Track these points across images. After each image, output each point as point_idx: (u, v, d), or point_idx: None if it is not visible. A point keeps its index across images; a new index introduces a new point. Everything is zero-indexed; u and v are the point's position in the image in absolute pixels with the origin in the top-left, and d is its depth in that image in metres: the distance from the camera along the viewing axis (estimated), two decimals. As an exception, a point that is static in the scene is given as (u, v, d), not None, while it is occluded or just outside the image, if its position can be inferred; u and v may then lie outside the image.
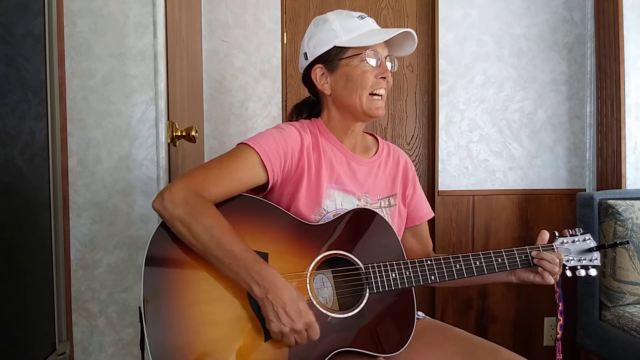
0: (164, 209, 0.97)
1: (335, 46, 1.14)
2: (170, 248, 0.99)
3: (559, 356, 1.22)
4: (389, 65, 1.17)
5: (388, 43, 1.18)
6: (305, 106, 1.29)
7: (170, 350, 0.92)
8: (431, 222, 2.19)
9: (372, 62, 1.14)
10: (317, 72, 1.18)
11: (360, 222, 1.13)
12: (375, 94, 1.15)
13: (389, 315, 1.08)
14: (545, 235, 1.18)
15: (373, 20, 1.18)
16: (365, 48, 1.13)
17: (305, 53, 1.19)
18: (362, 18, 1.17)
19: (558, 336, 1.20)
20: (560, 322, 1.19)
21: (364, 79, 1.13)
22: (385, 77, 1.15)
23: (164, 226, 1.00)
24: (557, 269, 1.11)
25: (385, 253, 1.12)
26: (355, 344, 1.03)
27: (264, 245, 1.03)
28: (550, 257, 1.11)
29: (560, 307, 1.19)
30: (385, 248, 1.13)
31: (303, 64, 1.21)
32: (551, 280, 1.11)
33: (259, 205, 1.09)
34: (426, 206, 1.33)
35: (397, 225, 1.22)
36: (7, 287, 0.98)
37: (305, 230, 1.08)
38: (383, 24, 2.27)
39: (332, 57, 1.15)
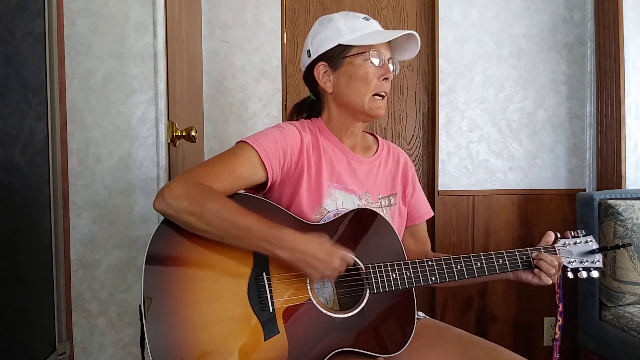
0: (168, 207, 0.97)
1: (339, 44, 1.14)
2: (171, 247, 0.99)
3: (556, 356, 1.22)
4: (391, 67, 1.17)
5: (391, 46, 1.19)
6: (305, 106, 1.29)
7: (170, 349, 0.92)
8: (431, 222, 2.21)
9: (376, 62, 1.14)
10: (320, 69, 1.18)
11: (361, 222, 1.13)
12: (377, 95, 1.16)
13: (389, 316, 1.08)
14: (551, 237, 1.18)
15: (378, 23, 1.19)
16: (369, 47, 1.13)
17: (309, 50, 1.19)
18: (367, 19, 1.17)
19: (556, 337, 1.20)
20: (559, 322, 1.19)
21: (367, 79, 1.14)
22: (387, 79, 1.16)
23: (165, 225, 1.00)
24: (554, 271, 1.10)
25: (386, 253, 1.12)
26: (355, 344, 1.03)
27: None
28: (549, 259, 1.11)
29: (560, 308, 1.19)
30: (385, 248, 1.13)
31: (305, 61, 1.21)
32: (548, 281, 1.11)
33: (259, 204, 1.09)
34: (425, 205, 1.33)
35: (397, 225, 1.22)
36: (7, 287, 0.98)
37: (305, 229, 1.07)
38: (383, 24, 2.26)
39: (336, 55, 1.15)
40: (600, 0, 2.22)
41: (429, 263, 1.10)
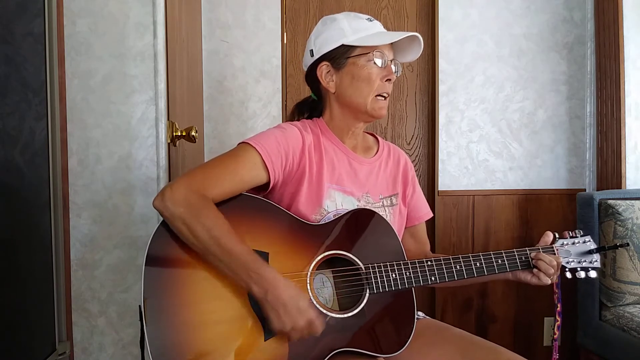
0: (165, 208, 0.97)
1: (342, 44, 1.15)
2: (171, 247, 0.99)
3: (555, 356, 1.22)
4: (393, 68, 1.17)
5: (394, 48, 1.19)
6: (307, 105, 1.29)
7: (170, 349, 0.92)
8: (431, 222, 2.22)
9: (379, 62, 1.14)
10: (323, 69, 1.18)
11: (361, 222, 1.13)
12: (380, 95, 1.16)
13: (389, 316, 1.08)
14: (549, 237, 1.18)
15: (381, 24, 1.19)
16: (373, 48, 1.14)
17: (312, 50, 1.19)
18: (371, 20, 1.18)
19: (555, 336, 1.20)
20: (558, 322, 1.20)
21: (370, 79, 1.14)
22: (390, 80, 1.16)
23: (165, 225, 1.00)
24: (553, 271, 1.11)
25: (386, 253, 1.12)
26: (355, 344, 1.03)
27: (264, 244, 1.03)
28: (547, 259, 1.11)
29: (558, 308, 1.19)
30: (385, 248, 1.13)
31: (308, 61, 1.21)
32: (547, 281, 1.11)
33: (259, 204, 1.09)
34: (425, 206, 1.33)
35: (397, 225, 1.22)
36: (7, 287, 0.98)
37: (305, 230, 1.08)
38: (383, 24, 2.24)
39: (339, 55, 1.16)
40: (600, 0, 2.22)
41: (429, 263, 1.10)
